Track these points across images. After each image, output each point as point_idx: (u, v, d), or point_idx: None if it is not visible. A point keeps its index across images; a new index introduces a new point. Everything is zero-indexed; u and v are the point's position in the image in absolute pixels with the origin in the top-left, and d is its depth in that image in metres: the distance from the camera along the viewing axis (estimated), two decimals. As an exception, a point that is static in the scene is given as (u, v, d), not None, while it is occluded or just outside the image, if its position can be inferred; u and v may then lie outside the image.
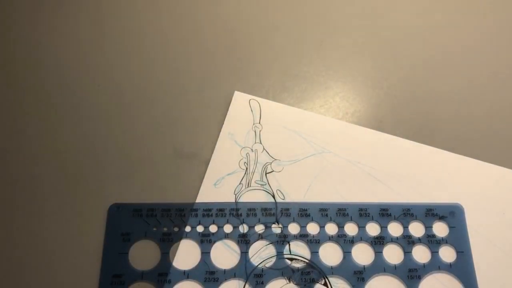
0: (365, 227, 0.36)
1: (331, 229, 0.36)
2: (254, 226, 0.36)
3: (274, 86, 0.42)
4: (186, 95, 0.41)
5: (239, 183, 0.37)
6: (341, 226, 0.36)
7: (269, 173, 0.38)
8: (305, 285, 0.34)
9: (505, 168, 0.39)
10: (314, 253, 0.35)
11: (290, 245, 0.35)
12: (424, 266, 0.35)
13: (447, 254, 0.35)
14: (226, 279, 0.34)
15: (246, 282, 0.34)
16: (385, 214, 0.36)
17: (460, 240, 0.36)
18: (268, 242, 0.35)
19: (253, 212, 0.36)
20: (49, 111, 0.40)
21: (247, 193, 0.37)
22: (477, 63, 0.44)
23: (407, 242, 0.36)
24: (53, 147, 0.39)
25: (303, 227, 0.36)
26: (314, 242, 0.35)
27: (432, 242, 0.36)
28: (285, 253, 0.35)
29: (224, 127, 0.40)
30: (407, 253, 0.35)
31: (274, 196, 0.37)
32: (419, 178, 0.38)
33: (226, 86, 0.42)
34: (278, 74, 0.43)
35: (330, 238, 0.36)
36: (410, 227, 0.36)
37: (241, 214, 0.36)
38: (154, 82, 0.42)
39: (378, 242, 0.36)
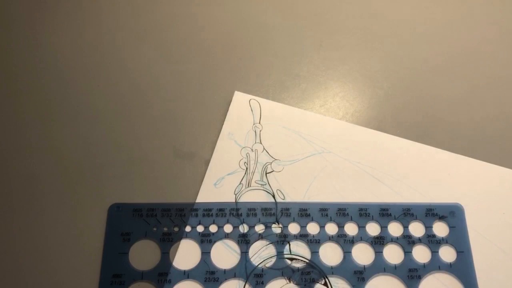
0: (365, 227, 0.36)
1: (331, 229, 0.36)
2: (254, 226, 0.36)
3: (274, 86, 0.42)
4: (186, 95, 0.41)
5: (239, 183, 0.37)
6: (341, 226, 0.36)
7: (269, 173, 0.38)
8: (305, 285, 0.34)
9: (505, 168, 0.39)
10: (314, 253, 0.35)
11: (290, 245, 0.35)
12: (424, 266, 0.35)
13: (447, 254, 0.35)
14: (226, 279, 0.34)
15: (246, 282, 0.34)
16: (385, 214, 0.36)
17: (460, 240, 0.36)
18: (268, 242, 0.35)
19: (253, 212, 0.36)
20: (49, 111, 0.40)
21: (247, 193, 0.37)
22: (477, 63, 0.44)
23: (407, 242, 0.36)
24: (53, 147, 0.39)
25: (303, 227, 0.36)
26: (314, 242, 0.35)
27: (432, 242, 0.36)
28: (285, 253, 0.35)
29: (224, 127, 0.40)
30: (407, 253, 0.35)
31: (274, 196, 0.37)
32: (419, 178, 0.38)
33: (226, 86, 0.42)
34: (278, 74, 0.43)
35: (330, 238, 0.36)
36: (410, 227, 0.36)
37: (241, 214, 0.36)
38: (154, 82, 0.42)
39: (378, 242, 0.36)
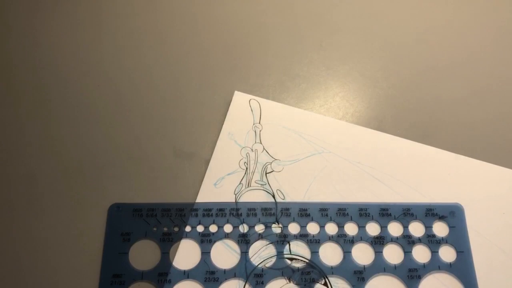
0: (365, 227, 0.36)
1: (331, 229, 0.36)
2: (254, 226, 0.36)
3: (274, 86, 0.42)
4: (186, 95, 0.41)
5: (239, 183, 0.37)
6: (341, 226, 0.36)
7: (269, 173, 0.38)
8: (305, 285, 0.34)
9: (505, 168, 0.39)
10: (314, 253, 0.35)
11: (290, 245, 0.35)
12: (424, 266, 0.35)
13: (447, 254, 0.35)
14: (226, 279, 0.34)
15: (246, 282, 0.34)
16: (385, 214, 0.36)
17: (460, 240, 0.36)
18: (268, 242, 0.35)
19: (253, 212, 0.36)
20: (49, 111, 0.40)
21: (247, 193, 0.37)
22: (477, 63, 0.44)
23: (407, 242, 0.36)
24: (53, 147, 0.39)
25: (303, 227, 0.36)
26: (314, 242, 0.35)
27: (432, 242, 0.36)
28: (285, 253, 0.35)
29: (224, 127, 0.40)
30: (407, 253, 0.35)
31: (274, 196, 0.37)
32: (419, 178, 0.38)
33: (226, 86, 0.42)
34: (278, 74, 0.43)
35: (330, 238, 0.36)
36: (410, 227, 0.36)
37: (241, 214, 0.36)
38: (154, 82, 0.42)
39: (378, 242, 0.36)
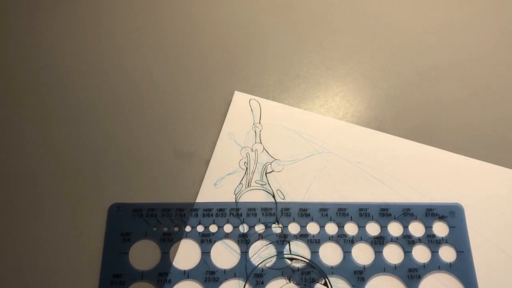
0: (365, 227, 0.36)
1: (331, 229, 0.36)
2: (254, 226, 0.36)
3: (274, 86, 0.42)
4: (186, 95, 0.41)
5: (239, 183, 0.37)
6: (341, 226, 0.36)
7: (269, 173, 0.38)
8: (305, 285, 0.34)
9: (505, 168, 0.39)
10: (314, 253, 0.35)
11: (290, 245, 0.35)
12: (424, 266, 0.35)
13: (447, 254, 0.35)
14: (226, 279, 0.34)
15: (246, 282, 0.34)
16: (385, 214, 0.36)
17: (460, 240, 0.36)
18: (268, 242, 0.35)
19: (253, 212, 0.36)
20: (48, 111, 0.40)
21: (247, 193, 0.37)
22: (477, 63, 0.44)
23: (407, 242, 0.36)
24: (53, 147, 0.39)
25: (303, 227, 0.36)
26: (314, 242, 0.35)
27: (432, 242, 0.36)
28: (285, 253, 0.35)
29: (224, 127, 0.40)
30: (407, 253, 0.35)
31: (274, 196, 0.37)
32: (419, 178, 0.38)
33: (226, 86, 0.42)
34: (278, 74, 0.43)
35: (330, 238, 0.36)
36: (410, 227, 0.36)
37: (241, 214, 0.36)
38: (154, 82, 0.42)
39: (378, 242, 0.36)
